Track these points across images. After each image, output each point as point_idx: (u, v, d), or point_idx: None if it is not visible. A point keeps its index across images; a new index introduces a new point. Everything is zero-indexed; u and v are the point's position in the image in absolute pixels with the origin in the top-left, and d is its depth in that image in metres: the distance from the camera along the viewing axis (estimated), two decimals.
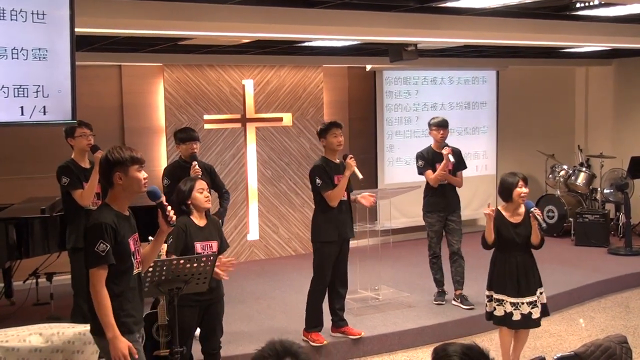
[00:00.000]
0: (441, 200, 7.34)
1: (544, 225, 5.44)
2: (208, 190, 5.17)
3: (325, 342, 6.35)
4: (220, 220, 5.68)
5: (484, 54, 10.35)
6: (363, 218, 7.47)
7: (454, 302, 7.41)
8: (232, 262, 5.05)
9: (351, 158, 6.21)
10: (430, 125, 7.46)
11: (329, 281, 6.34)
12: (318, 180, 6.17)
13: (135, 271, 3.96)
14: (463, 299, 7.36)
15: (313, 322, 6.39)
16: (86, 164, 6.15)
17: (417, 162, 7.47)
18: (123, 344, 3.77)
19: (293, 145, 10.21)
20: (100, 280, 3.76)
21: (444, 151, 7.22)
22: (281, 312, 7.34)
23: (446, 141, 7.38)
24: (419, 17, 6.71)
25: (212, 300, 5.11)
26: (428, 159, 7.37)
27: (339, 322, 6.51)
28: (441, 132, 7.33)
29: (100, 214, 3.84)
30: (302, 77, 10.19)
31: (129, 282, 3.90)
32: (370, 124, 10.76)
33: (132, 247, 3.92)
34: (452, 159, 7.19)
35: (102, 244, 3.73)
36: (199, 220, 5.07)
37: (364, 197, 6.48)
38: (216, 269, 4.86)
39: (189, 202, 5.03)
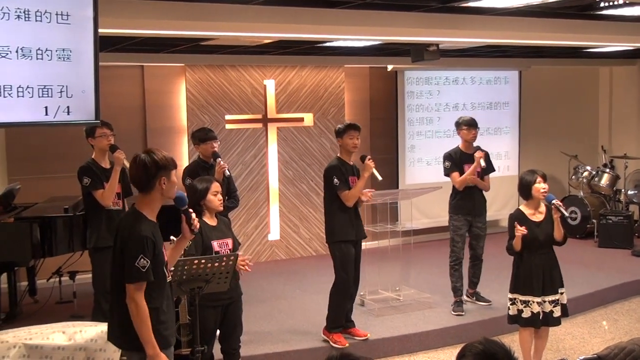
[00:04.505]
0: (469, 203, 7.18)
1: (567, 215, 5.38)
2: (222, 193, 5.19)
3: (347, 344, 6.32)
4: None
5: (506, 54, 10.29)
6: (384, 218, 7.45)
7: (466, 298, 7.39)
8: (248, 263, 5.04)
9: (370, 159, 6.23)
10: (459, 124, 7.24)
11: None
12: (336, 180, 6.18)
13: (168, 279, 3.89)
14: (478, 296, 7.38)
15: (335, 323, 6.38)
16: (106, 164, 6.15)
17: (443, 162, 7.28)
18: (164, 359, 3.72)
19: (314, 146, 10.21)
20: (140, 296, 3.65)
21: (477, 155, 7.05)
22: (302, 312, 7.34)
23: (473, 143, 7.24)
24: (441, 17, 6.68)
25: (231, 300, 5.14)
26: (456, 160, 7.18)
27: (346, 324, 6.50)
28: (473, 132, 7.14)
29: (141, 226, 3.71)
30: (323, 77, 10.19)
31: (163, 292, 3.81)
32: (392, 124, 10.73)
33: (165, 257, 3.85)
34: (483, 163, 7.08)
35: (142, 259, 3.63)
36: (210, 220, 5.09)
37: (362, 194, 6.37)
38: (239, 265, 4.91)
39: (202, 202, 5.05)
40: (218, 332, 5.33)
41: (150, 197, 3.77)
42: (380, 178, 6.28)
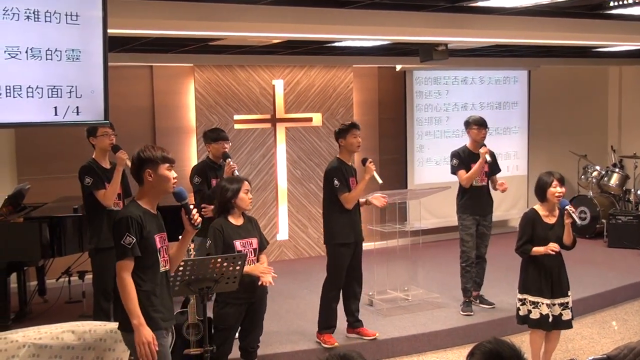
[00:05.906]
0: (477, 202, 7.15)
1: (578, 222, 5.38)
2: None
3: (336, 343, 6.31)
4: None
5: (515, 53, 10.26)
6: (393, 218, 7.44)
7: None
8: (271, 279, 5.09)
9: (371, 162, 6.22)
10: (469, 123, 7.21)
11: (345, 282, 6.34)
12: (336, 182, 6.16)
13: (162, 269, 4.01)
14: (482, 299, 7.34)
15: (326, 324, 6.37)
16: (107, 164, 6.10)
17: (451, 160, 7.25)
18: (148, 331, 3.84)
19: (323, 146, 10.21)
20: (126, 271, 3.85)
21: (482, 150, 7.01)
22: (310, 312, 7.32)
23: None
24: (450, 17, 6.67)
25: (256, 298, 5.17)
26: (463, 159, 7.15)
27: (354, 323, 6.50)
28: (483, 132, 7.11)
29: (127, 209, 3.97)
30: (332, 77, 10.19)
31: (155, 278, 3.96)
32: (400, 124, 10.72)
33: (158, 244, 3.98)
34: (488, 158, 7.03)
35: (128, 237, 3.82)
36: (235, 220, 5.10)
37: (376, 198, 6.43)
38: (262, 275, 4.96)
39: (234, 201, 5.06)
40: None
41: (143, 189, 4.02)
42: (380, 181, 6.27)
